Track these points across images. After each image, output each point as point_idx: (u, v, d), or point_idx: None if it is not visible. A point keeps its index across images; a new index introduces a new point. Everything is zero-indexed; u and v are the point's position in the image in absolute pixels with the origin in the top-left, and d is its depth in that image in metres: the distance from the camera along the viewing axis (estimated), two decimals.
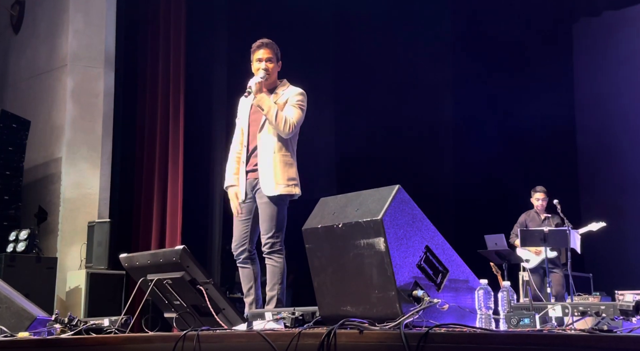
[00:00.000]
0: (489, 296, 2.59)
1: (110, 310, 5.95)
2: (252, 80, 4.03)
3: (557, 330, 2.34)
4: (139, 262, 3.46)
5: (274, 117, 3.95)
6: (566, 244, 6.71)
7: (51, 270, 6.60)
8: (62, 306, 6.56)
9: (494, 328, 2.57)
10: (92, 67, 7.32)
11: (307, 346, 2.33)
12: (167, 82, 7.55)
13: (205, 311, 3.20)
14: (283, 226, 3.98)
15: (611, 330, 2.20)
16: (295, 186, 4.01)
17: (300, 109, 4.03)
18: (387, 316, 2.46)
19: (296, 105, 4.02)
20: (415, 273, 2.57)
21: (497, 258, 7.21)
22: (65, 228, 7.00)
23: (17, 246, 6.54)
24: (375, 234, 2.51)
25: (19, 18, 7.88)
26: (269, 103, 3.98)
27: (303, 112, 4.05)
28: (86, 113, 7.24)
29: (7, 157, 6.93)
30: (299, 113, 4.01)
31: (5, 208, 6.90)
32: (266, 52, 4.07)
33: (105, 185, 7.22)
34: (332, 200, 2.86)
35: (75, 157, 7.14)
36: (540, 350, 2.04)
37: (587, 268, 8.06)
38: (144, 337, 2.90)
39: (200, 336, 2.61)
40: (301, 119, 4.04)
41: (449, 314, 2.59)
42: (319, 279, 2.78)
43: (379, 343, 2.24)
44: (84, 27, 7.35)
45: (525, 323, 2.46)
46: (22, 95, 7.73)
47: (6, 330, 3.48)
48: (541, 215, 7.44)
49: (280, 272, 3.91)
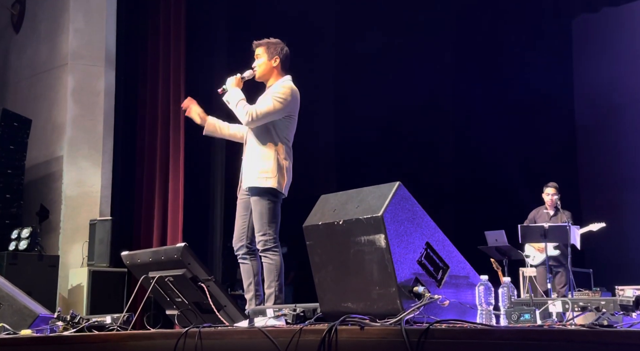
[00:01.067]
0: (489, 292, 2.60)
1: (112, 307, 5.96)
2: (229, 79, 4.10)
3: (558, 326, 2.35)
4: (141, 259, 3.47)
5: (234, 108, 3.99)
6: (566, 240, 6.71)
7: (53, 268, 6.61)
8: (64, 304, 6.57)
9: (494, 323, 2.58)
10: (92, 66, 7.33)
11: (309, 342, 2.34)
12: (168, 80, 7.55)
13: (206, 308, 3.21)
14: (275, 222, 3.94)
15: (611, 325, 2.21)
16: (267, 178, 3.92)
17: (274, 100, 3.94)
18: (388, 312, 2.47)
19: (270, 96, 3.98)
20: (415, 270, 2.58)
21: (498, 254, 7.22)
22: (67, 226, 7.02)
23: (19, 244, 6.56)
24: (376, 231, 2.52)
25: (19, 17, 7.88)
26: (233, 96, 4.01)
27: (278, 104, 3.94)
28: (87, 112, 7.25)
29: (9, 156, 6.94)
30: (269, 105, 3.94)
31: (7, 207, 6.92)
32: (256, 51, 4.13)
33: (106, 183, 7.23)
34: (332, 197, 2.87)
35: (77, 155, 7.15)
36: (541, 345, 2.04)
37: (587, 263, 8.07)
38: (146, 334, 2.91)
39: (202, 333, 2.62)
40: (271, 111, 3.94)
41: (449, 310, 2.60)
42: (319, 276, 2.79)
43: (380, 339, 2.25)
44: (85, 25, 7.36)
45: (525, 318, 2.47)
46: (23, 94, 7.74)
47: (9, 328, 3.49)
48: (550, 210, 7.44)
49: (277, 269, 3.90)
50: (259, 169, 3.96)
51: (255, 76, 4.13)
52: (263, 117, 3.95)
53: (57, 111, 7.32)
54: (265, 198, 3.94)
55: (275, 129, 4.01)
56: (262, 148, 3.99)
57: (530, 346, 2.05)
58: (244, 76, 4.10)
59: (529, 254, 7.37)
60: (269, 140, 4.00)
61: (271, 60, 4.11)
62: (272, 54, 4.10)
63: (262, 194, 3.94)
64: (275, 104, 3.96)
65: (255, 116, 3.93)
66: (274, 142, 4.00)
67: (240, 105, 3.97)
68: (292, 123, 4.08)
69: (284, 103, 3.97)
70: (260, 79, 4.14)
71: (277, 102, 3.96)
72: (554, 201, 7.36)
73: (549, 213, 7.43)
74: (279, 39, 4.19)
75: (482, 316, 2.59)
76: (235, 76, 4.09)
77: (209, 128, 4.29)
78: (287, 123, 4.05)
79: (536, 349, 2.04)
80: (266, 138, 4.00)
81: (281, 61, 4.12)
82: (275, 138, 4.01)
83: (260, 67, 4.11)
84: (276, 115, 3.99)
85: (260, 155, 3.98)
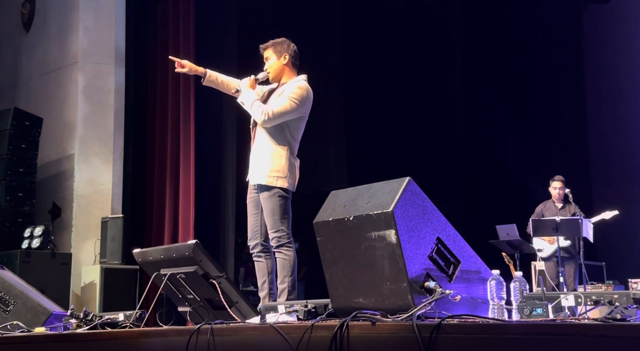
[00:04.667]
0: (501, 286, 2.59)
1: (125, 304, 5.98)
2: (243, 81, 4.11)
3: (570, 320, 2.34)
4: (152, 256, 3.48)
5: (249, 107, 3.99)
6: (578, 233, 6.69)
7: (66, 265, 6.65)
8: (77, 302, 6.62)
9: (506, 318, 2.57)
10: (102, 64, 7.36)
11: (320, 338, 2.34)
12: (178, 77, 7.56)
13: (218, 304, 3.22)
14: (287, 218, 3.94)
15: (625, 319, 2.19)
16: (278, 178, 3.93)
17: (290, 101, 3.95)
18: (399, 307, 2.47)
19: (286, 97, 3.98)
20: (426, 265, 2.57)
21: (509, 249, 7.20)
22: (79, 224, 7.06)
23: (32, 242, 6.60)
24: (386, 226, 2.52)
25: (29, 16, 7.92)
26: (247, 96, 4.01)
27: (294, 104, 3.95)
28: (98, 110, 7.29)
29: (21, 155, 6.99)
30: (285, 104, 3.94)
31: (20, 205, 6.96)
32: (265, 54, 4.14)
33: (117, 181, 7.27)
34: (342, 193, 2.87)
35: (88, 153, 7.19)
36: (554, 339, 2.03)
37: (600, 256, 8.02)
38: (158, 331, 2.93)
39: (214, 329, 2.62)
40: (287, 111, 3.95)
41: (461, 305, 2.59)
42: (330, 272, 2.79)
43: (391, 335, 2.25)
44: (94, 24, 7.38)
45: (538, 313, 2.46)
46: (34, 93, 7.78)
47: (23, 326, 3.52)
48: (558, 204, 7.41)
49: (290, 265, 3.90)
50: (270, 168, 3.96)
51: (269, 78, 4.14)
52: (278, 116, 3.96)
53: (68, 109, 7.35)
54: (276, 195, 3.94)
55: (290, 129, 4.03)
56: (275, 147, 3.99)
57: (543, 341, 2.04)
58: (258, 78, 4.12)
59: (540, 248, 7.34)
60: (282, 139, 4.00)
61: (280, 58, 4.10)
62: (280, 53, 4.10)
63: (272, 192, 3.95)
64: (292, 105, 3.96)
65: (271, 115, 3.93)
66: (287, 141, 4.02)
67: (255, 105, 3.97)
68: (303, 124, 4.10)
69: (299, 104, 3.98)
70: (274, 80, 4.13)
71: (293, 102, 3.97)
72: (561, 195, 7.34)
73: (557, 206, 7.40)
74: (284, 38, 4.18)
75: (494, 311, 2.58)
76: (250, 78, 4.09)
77: (211, 77, 4.29)
78: (299, 124, 4.07)
79: (549, 343, 2.03)
80: (280, 137, 4.00)
81: (290, 57, 4.12)
82: (289, 138, 4.03)
83: (272, 67, 4.11)
84: (291, 116, 4.00)
85: (272, 154, 3.98)
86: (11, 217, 6.89)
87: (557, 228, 6.75)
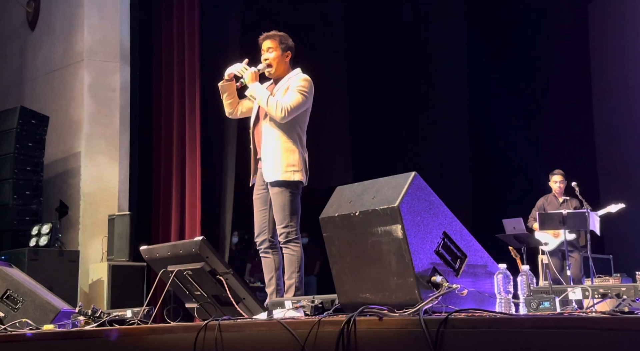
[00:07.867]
0: (508, 280, 2.59)
1: (133, 301, 6.01)
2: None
3: (578, 313, 2.34)
4: (159, 253, 3.49)
5: (265, 104, 3.94)
6: (585, 226, 6.68)
7: (73, 263, 6.67)
8: (85, 299, 6.65)
9: (513, 312, 2.57)
10: (108, 61, 7.37)
11: (328, 333, 2.34)
12: (183, 74, 7.57)
13: (225, 301, 3.22)
14: (296, 214, 3.94)
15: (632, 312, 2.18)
16: (295, 172, 3.93)
17: (301, 94, 3.94)
18: (406, 302, 2.47)
19: (295, 90, 3.96)
20: (433, 259, 2.57)
21: (516, 242, 7.19)
22: (86, 222, 7.08)
23: (39, 240, 6.63)
24: (393, 221, 2.51)
25: (34, 15, 7.94)
26: (260, 92, 3.98)
27: (305, 97, 3.96)
28: (103, 108, 7.30)
29: (27, 153, 7.01)
30: (297, 97, 3.94)
31: (27, 204, 6.99)
32: (268, 43, 4.09)
33: (124, 178, 7.29)
34: (348, 188, 2.86)
35: (94, 151, 7.21)
36: (561, 333, 2.03)
37: (607, 249, 8.01)
38: (166, 328, 2.93)
39: (222, 325, 2.63)
40: (300, 104, 3.95)
41: (468, 299, 2.59)
42: (337, 267, 2.79)
43: (399, 330, 2.25)
44: (99, 21, 7.39)
45: (545, 306, 2.45)
46: (40, 91, 7.80)
47: (31, 323, 3.54)
48: (559, 198, 7.40)
49: (298, 261, 3.91)
50: (286, 163, 3.94)
51: (270, 72, 4.10)
52: (294, 110, 3.95)
53: (74, 107, 7.37)
54: (288, 190, 3.94)
55: (298, 122, 4.03)
56: (286, 142, 3.97)
57: (551, 334, 2.03)
58: (259, 69, 4.09)
59: (545, 241, 7.33)
60: (293, 133, 3.99)
61: (284, 55, 4.09)
62: (285, 49, 4.09)
63: (285, 187, 3.94)
64: (304, 98, 3.97)
65: (289, 110, 3.92)
66: (297, 134, 4.01)
67: (271, 101, 3.94)
68: (308, 116, 4.10)
69: (309, 96, 4.00)
70: (273, 73, 4.10)
71: (304, 95, 3.97)
72: (562, 188, 7.34)
73: (559, 200, 7.39)
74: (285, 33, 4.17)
75: (501, 305, 2.58)
76: (252, 70, 4.06)
77: (231, 87, 4.20)
78: (306, 116, 4.07)
79: (556, 337, 2.02)
80: (291, 132, 3.99)
81: (292, 55, 4.13)
82: (298, 131, 4.02)
83: (275, 60, 4.09)
84: (302, 108, 4.00)
85: (285, 149, 3.96)
86: (19, 215, 6.92)
87: (564, 222, 6.74)
